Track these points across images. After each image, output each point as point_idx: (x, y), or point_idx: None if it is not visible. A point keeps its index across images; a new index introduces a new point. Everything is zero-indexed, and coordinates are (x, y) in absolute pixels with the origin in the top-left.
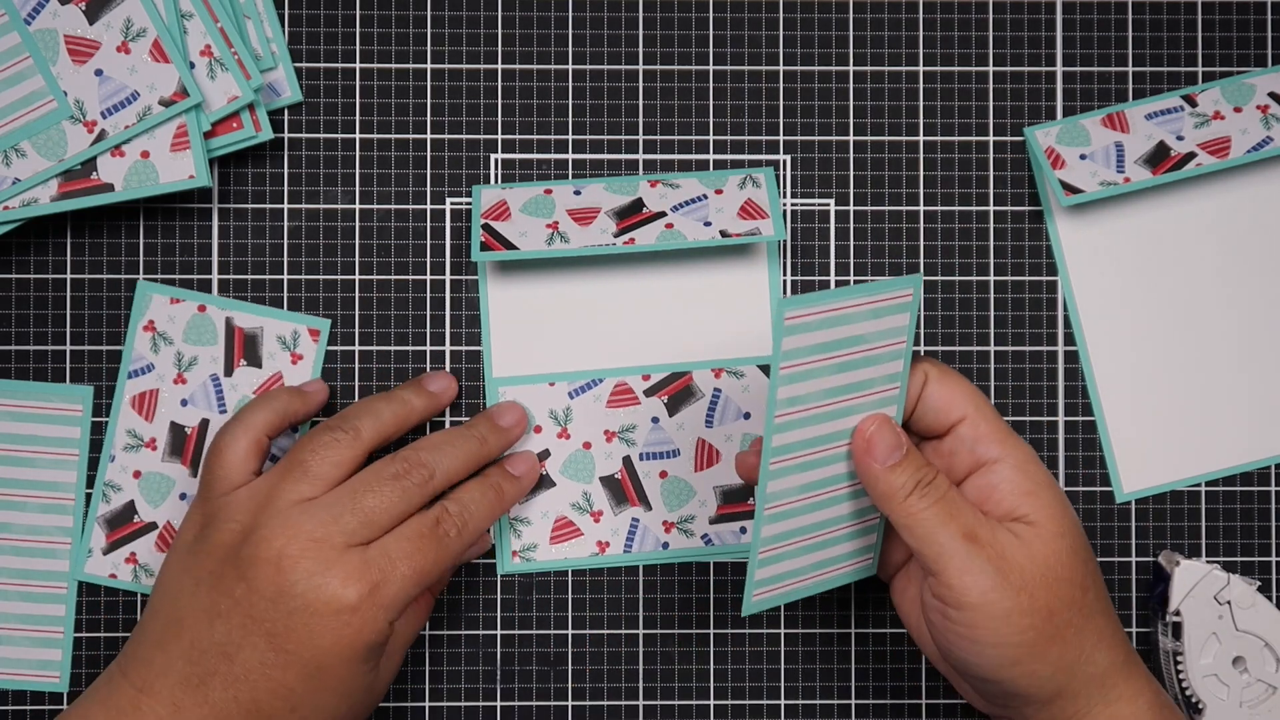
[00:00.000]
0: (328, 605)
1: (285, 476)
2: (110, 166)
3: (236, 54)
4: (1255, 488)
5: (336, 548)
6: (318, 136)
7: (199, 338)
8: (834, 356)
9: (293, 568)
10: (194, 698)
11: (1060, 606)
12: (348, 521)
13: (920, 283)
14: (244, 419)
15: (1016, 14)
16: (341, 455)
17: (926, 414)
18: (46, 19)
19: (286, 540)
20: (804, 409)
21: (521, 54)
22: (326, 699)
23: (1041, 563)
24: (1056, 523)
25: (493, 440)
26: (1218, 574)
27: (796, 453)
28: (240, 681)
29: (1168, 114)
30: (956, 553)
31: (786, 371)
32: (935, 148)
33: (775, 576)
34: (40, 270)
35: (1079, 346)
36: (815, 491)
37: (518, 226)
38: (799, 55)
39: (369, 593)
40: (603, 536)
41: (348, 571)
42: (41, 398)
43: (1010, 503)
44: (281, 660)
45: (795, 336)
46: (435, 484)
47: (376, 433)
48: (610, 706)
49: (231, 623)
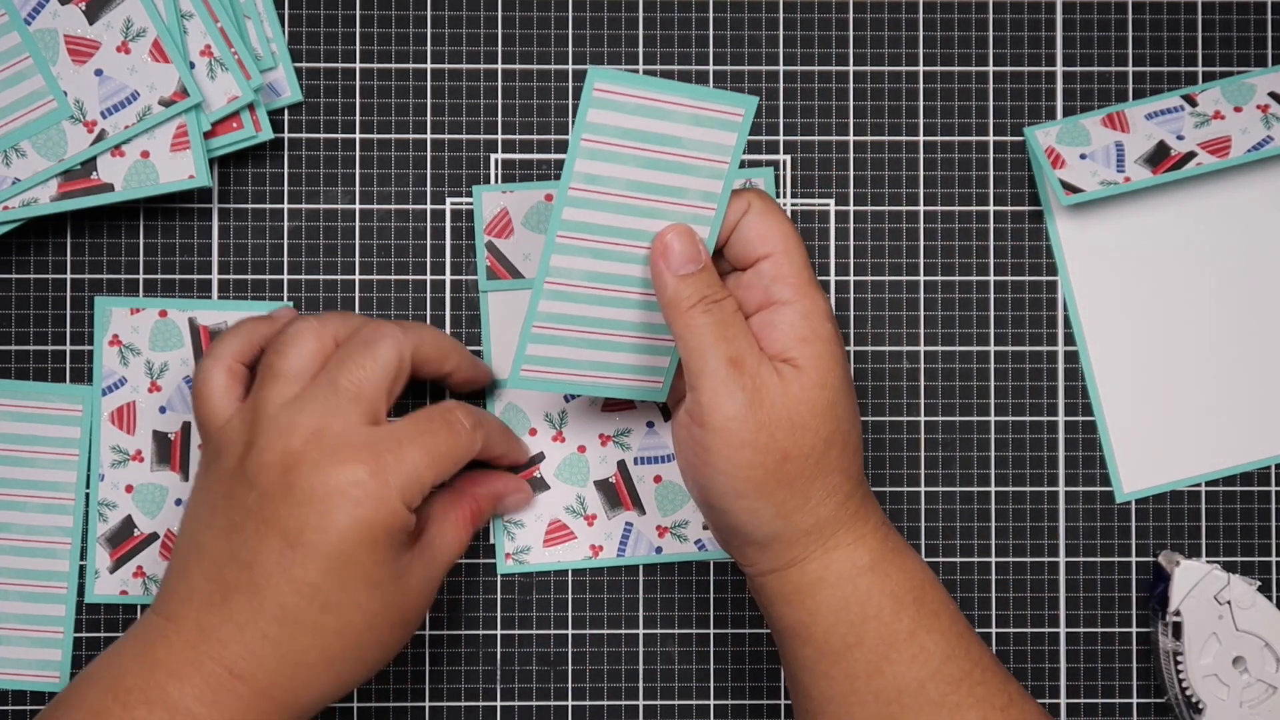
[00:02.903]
0: (336, 488)
1: (262, 385)
2: (110, 166)
3: (236, 54)
4: (1255, 488)
5: (337, 434)
6: (318, 136)
7: (165, 343)
8: (644, 149)
9: (298, 463)
10: (219, 615)
11: (796, 453)
12: (336, 404)
13: (753, 106)
14: (213, 352)
15: (1016, 14)
16: (307, 346)
17: (738, 243)
18: (46, 19)
19: (286, 440)
20: (604, 192)
21: (521, 54)
22: (355, 593)
23: (792, 405)
24: (820, 373)
25: (468, 357)
26: (1218, 574)
27: (590, 235)
28: (263, 588)
29: (1168, 114)
30: (716, 373)
31: (588, 145)
32: (935, 148)
33: (549, 359)
34: (40, 270)
35: (1079, 346)
36: (604, 285)
37: (520, 246)
38: (799, 55)
39: (377, 471)
40: (596, 540)
41: (352, 453)
42: (41, 398)
43: (783, 344)
44: (300, 556)
45: (604, 112)
46: (407, 343)
47: (339, 320)
48: (610, 706)
49: (246, 532)
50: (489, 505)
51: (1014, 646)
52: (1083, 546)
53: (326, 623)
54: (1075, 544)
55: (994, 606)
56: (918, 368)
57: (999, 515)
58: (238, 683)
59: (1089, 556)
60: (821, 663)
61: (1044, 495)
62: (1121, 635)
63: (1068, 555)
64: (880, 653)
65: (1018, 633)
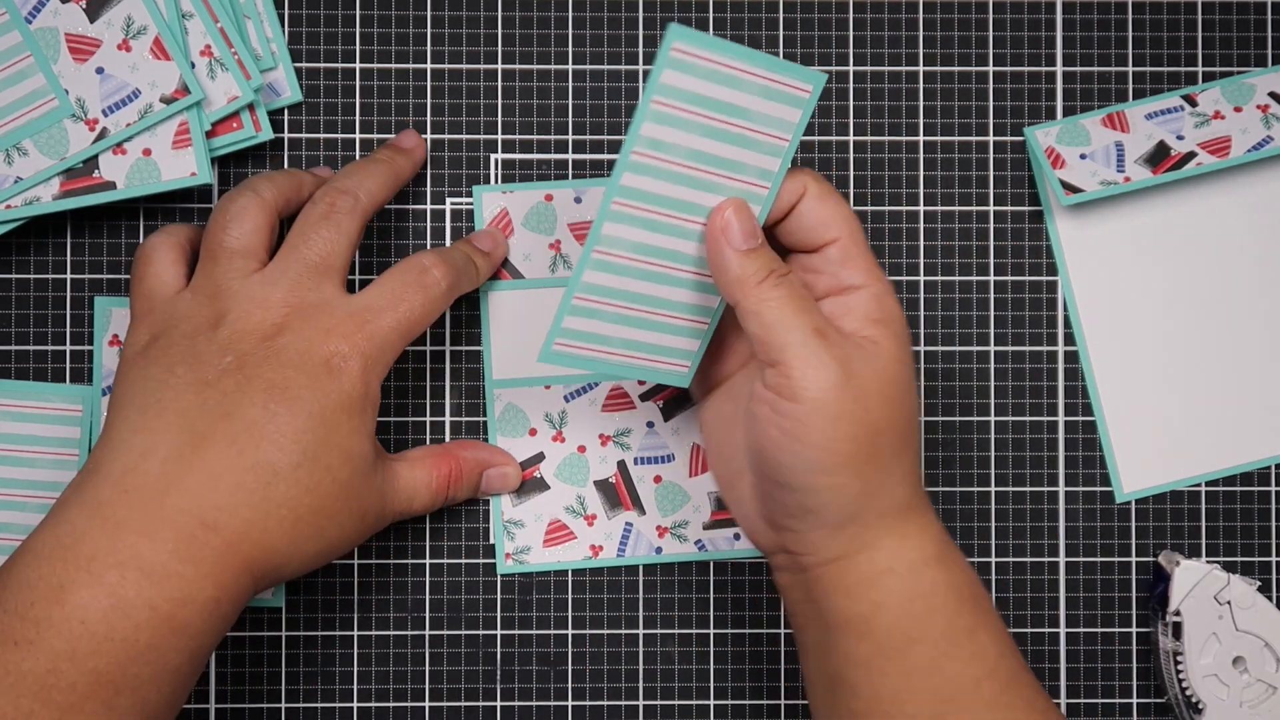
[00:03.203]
0: (321, 358)
1: (215, 261)
2: (112, 164)
3: (236, 54)
4: (1255, 488)
5: (314, 305)
6: (318, 136)
7: None
8: (713, 117)
9: (279, 331)
10: (188, 465)
11: (887, 427)
12: (308, 277)
13: (821, 83)
14: (161, 231)
15: (1016, 14)
16: (252, 222)
17: (800, 229)
18: (47, 17)
19: (264, 311)
20: (665, 159)
21: (521, 54)
22: (329, 455)
23: (883, 379)
24: (901, 350)
25: (400, 160)
26: (1218, 574)
27: (646, 204)
28: (241, 437)
29: (1168, 114)
30: (805, 344)
31: (658, 109)
32: (935, 148)
33: (584, 333)
34: (40, 270)
35: (1079, 346)
36: (654, 259)
37: (520, 246)
38: (799, 55)
39: (357, 343)
40: (596, 540)
41: (334, 324)
42: (41, 398)
43: (859, 325)
44: (284, 409)
45: (678, 74)
46: (363, 204)
47: (275, 190)
48: (610, 706)
49: (224, 387)
50: (472, 469)
51: None
52: (1083, 546)
53: (300, 478)
54: (1075, 544)
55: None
56: (918, 368)
57: (999, 515)
58: (210, 534)
59: (1089, 556)
60: (878, 658)
61: (1044, 495)
62: (1121, 635)
63: (1068, 555)
64: (942, 649)
65: (1018, 633)
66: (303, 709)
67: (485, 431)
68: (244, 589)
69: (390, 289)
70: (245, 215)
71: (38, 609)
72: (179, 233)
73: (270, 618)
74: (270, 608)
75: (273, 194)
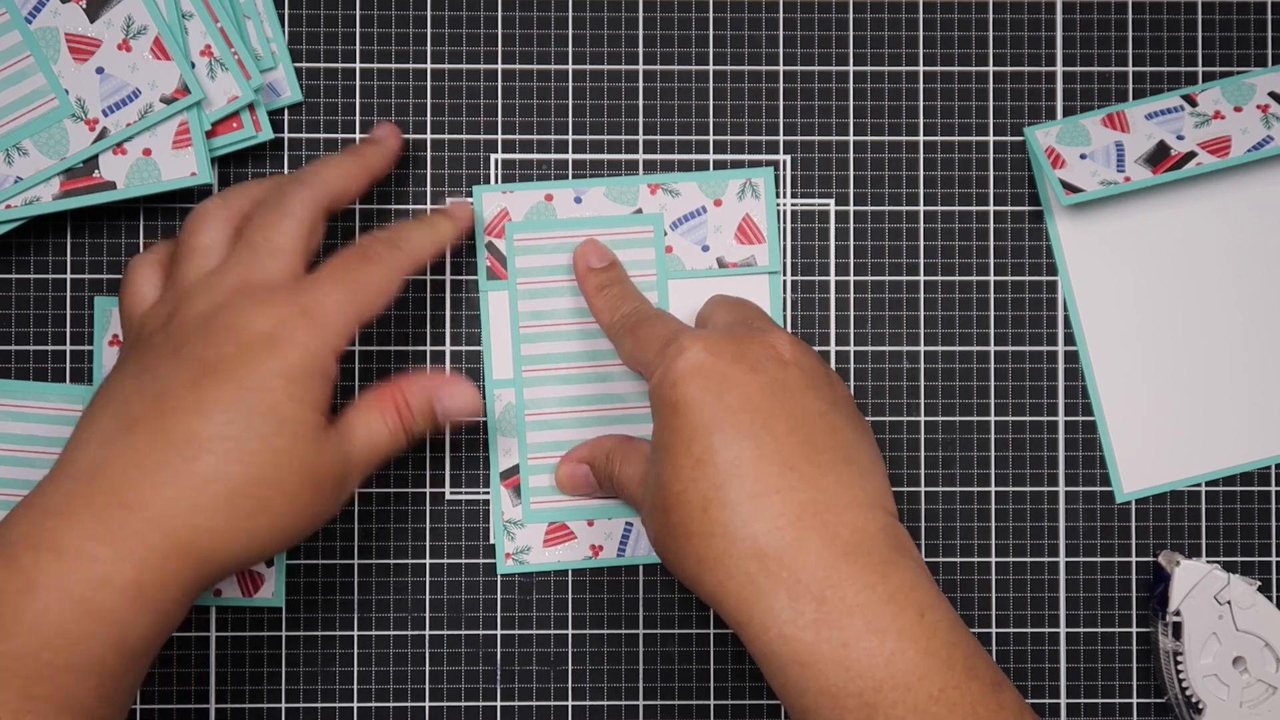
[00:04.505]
0: (254, 330)
1: (179, 262)
2: (112, 164)
3: (236, 54)
4: (1255, 488)
5: (259, 286)
6: (318, 136)
7: None
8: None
9: (220, 313)
10: (116, 449)
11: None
12: (255, 260)
13: (660, 223)
14: (141, 254)
15: (1016, 14)
16: (216, 220)
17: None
18: (47, 17)
19: (210, 298)
20: (551, 324)
21: (521, 54)
22: (262, 423)
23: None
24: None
25: (368, 151)
26: (1218, 574)
27: (552, 365)
28: (169, 415)
29: (1168, 114)
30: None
31: (524, 287)
32: (935, 148)
33: (551, 487)
34: (40, 270)
35: (1079, 346)
36: (580, 407)
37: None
38: (799, 55)
39: (298, 311)
40: (596, 540)
41: (272, 298)
42: (41, 398)
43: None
44: (212, 381)
45: (528, 257)
46: (317, 191)
47: (241, 192)
48: (610, 706)
49: (160, 370)
50: (419, 398)
51: (1014, 646)
52: (1083, 546)
53: (229, 448)
54: (1075, 544)
55: (994, 606)
56: (918, 368)
57: (999, 515)
58: (128, 513)
59: (1089, 556)
60: None
61: (1044, 495)
62: (1121, 635)
63: (1068, 555)
64: None
65: (1018, 633)
66: (303, 709)
67: (485, 431)
68: (178, 574)
69: (331, 266)
70: (209, 216)
71: None
72: (160, 249)
73: (270, 618)
74: (270, 608)
75: (240, 198)
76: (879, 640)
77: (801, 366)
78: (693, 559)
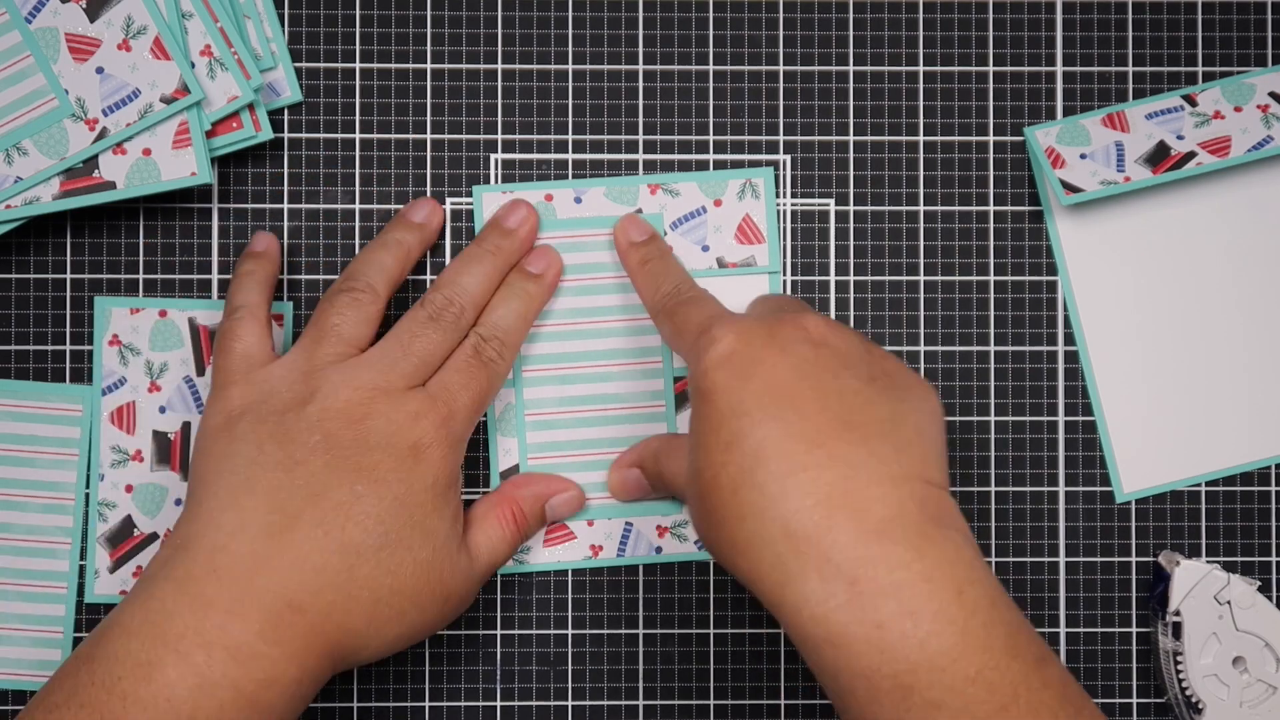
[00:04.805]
0: (406, 441)
1: (319, 342)
2: (112, 164)
3: (236, 54)
4: (1255, 488)
5: (400, 390)
6: (318, 136)
7: (165, 343)
8: (575, 279)
9: (366, 414)
10: (278, 544)
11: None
12: (404, 367)
13: (660, 223)
14: (238, 301)
15: (1016, 14)
16: (365, 313)
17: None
18: (47, 17)
19: (352, 391)
20: (551, 324)
21: (521, 54)
22: (412, 535)
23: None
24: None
25: (506, 246)
26: (1218, 574)
27: (552, 365)
28: (329, 519)
29: (1168, 114)
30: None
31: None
32: (935, 148)
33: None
34: (40, 270)
35: (1079, 346)
36: (580, 407)
37: None
38: (799, 55)
39: (442, 424)
40: (596, 540)
41: (419, 408)
42: (41, 398)
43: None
44: (371, 492)
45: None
46: (468, 315)
47: (386, 282)
48: (610, 706)
49: (313, 466)
50: (533, 506)
51: None
52: (1083, 546)
53: (382, 559)
54: (1075, 544)
55: None
56: (918, 368)
57: (999, 515)
58: (296, 615)
59: (1089, 556)
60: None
61: (1044, 495)
62: (1121, 635)
63: (1068, 555)
64: None
65: None
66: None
67: (485, 431)
68: (324, 671)
69: (458, 371)
70: (357, 307)
71: (125, 684)
72: (259, 307)
73: None
74: None
75: (384, 284)
76: (913, 622)
77: (832, 346)
78: (727, 543)
